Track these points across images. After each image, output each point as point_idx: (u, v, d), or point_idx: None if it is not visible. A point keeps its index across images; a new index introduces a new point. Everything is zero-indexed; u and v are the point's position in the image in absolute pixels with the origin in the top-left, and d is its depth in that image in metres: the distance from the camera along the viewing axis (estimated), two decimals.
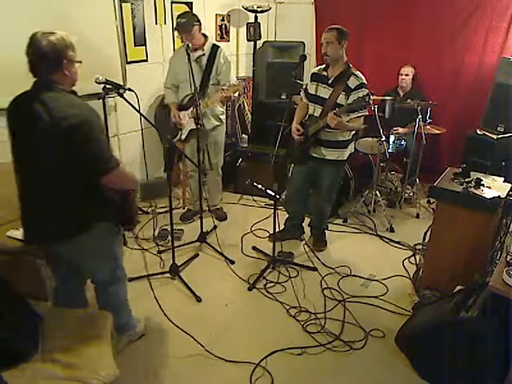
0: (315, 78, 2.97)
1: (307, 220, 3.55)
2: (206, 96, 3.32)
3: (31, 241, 1.92)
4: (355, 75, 2.82)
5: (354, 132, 3.07)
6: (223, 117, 3.59)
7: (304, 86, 3.12)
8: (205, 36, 3.34)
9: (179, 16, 3.25)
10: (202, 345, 2.33)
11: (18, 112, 1.74)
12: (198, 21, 3.24)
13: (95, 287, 2.16)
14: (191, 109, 3.32)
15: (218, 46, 3.36)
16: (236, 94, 3.34)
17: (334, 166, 3.07)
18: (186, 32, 3.18)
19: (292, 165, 3.24)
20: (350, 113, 2.77)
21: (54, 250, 1.96)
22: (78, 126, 1.63)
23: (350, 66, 2.86)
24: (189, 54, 2.89)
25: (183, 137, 3.45)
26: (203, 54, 3.30)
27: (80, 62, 1.80)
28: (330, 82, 2.87)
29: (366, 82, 2.82)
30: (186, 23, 3.17)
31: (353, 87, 2.79)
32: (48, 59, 1.66)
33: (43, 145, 1.68)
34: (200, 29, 3.27)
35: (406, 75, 4.27)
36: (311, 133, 2.95)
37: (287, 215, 3.51)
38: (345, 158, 3.07)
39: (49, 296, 2.31)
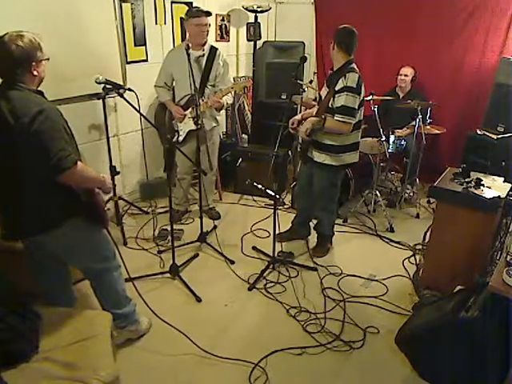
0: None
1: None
2: (205, 97, 3.31)
3: (8, 237, 1.99)
4: (344, 77, 2.66)
5: (349, 140, 2.86)
6: (219, 118, 3.63)
7: None
8: None
9: (196, 7, 3.22)
10: (198, 346, 2.33)
11: None
12: None
13: (89, 281, 2.20)
14: (190, 109, 3.31)
15: (217, 48, 3.34)
16: (229, 97, 3.34)
17: (322, 170, 2.96)
18: (208, 21, 3.17)
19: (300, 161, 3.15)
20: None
21: (31, 244, 2.05)
22: (33, 119, 1.66)
23: (350, 65, 2.72)
24: (189, 54, 2.86)
25: (181, 138, 3.38)
26: (203, 55, 3.29)
27: (47, 59, 1.84)
28: (326, 80, 2.80)
29: (351, 85, 2.65)
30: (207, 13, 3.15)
31: (337, 89, 2.69)
32: (18, 63, 1.71)
33: (7, 144, 1.71)
34: None
35: (405, 75, 4.25)
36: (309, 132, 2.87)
37: (295, 213, 3.48)
38: (333, 164, 2.89)
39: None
